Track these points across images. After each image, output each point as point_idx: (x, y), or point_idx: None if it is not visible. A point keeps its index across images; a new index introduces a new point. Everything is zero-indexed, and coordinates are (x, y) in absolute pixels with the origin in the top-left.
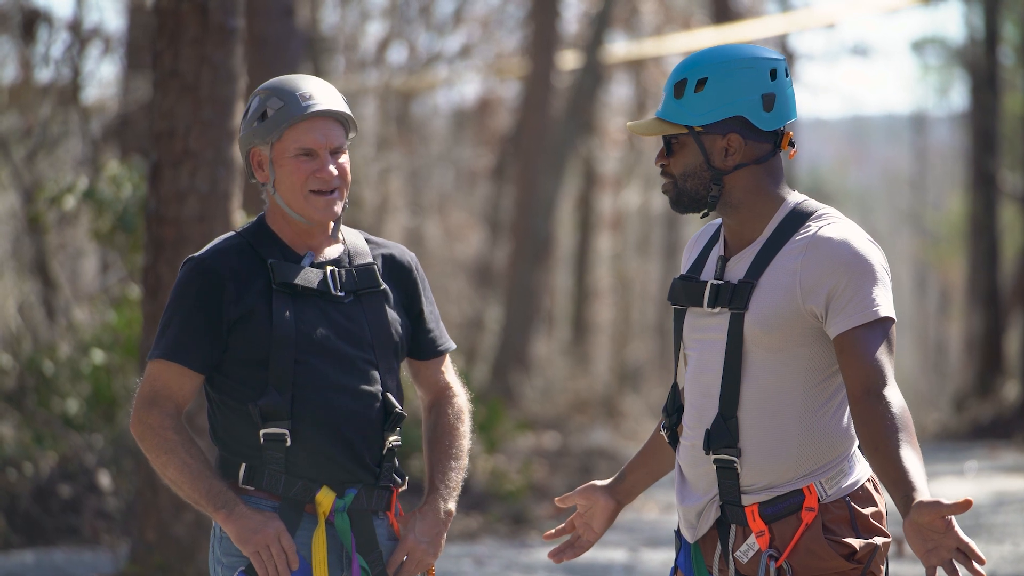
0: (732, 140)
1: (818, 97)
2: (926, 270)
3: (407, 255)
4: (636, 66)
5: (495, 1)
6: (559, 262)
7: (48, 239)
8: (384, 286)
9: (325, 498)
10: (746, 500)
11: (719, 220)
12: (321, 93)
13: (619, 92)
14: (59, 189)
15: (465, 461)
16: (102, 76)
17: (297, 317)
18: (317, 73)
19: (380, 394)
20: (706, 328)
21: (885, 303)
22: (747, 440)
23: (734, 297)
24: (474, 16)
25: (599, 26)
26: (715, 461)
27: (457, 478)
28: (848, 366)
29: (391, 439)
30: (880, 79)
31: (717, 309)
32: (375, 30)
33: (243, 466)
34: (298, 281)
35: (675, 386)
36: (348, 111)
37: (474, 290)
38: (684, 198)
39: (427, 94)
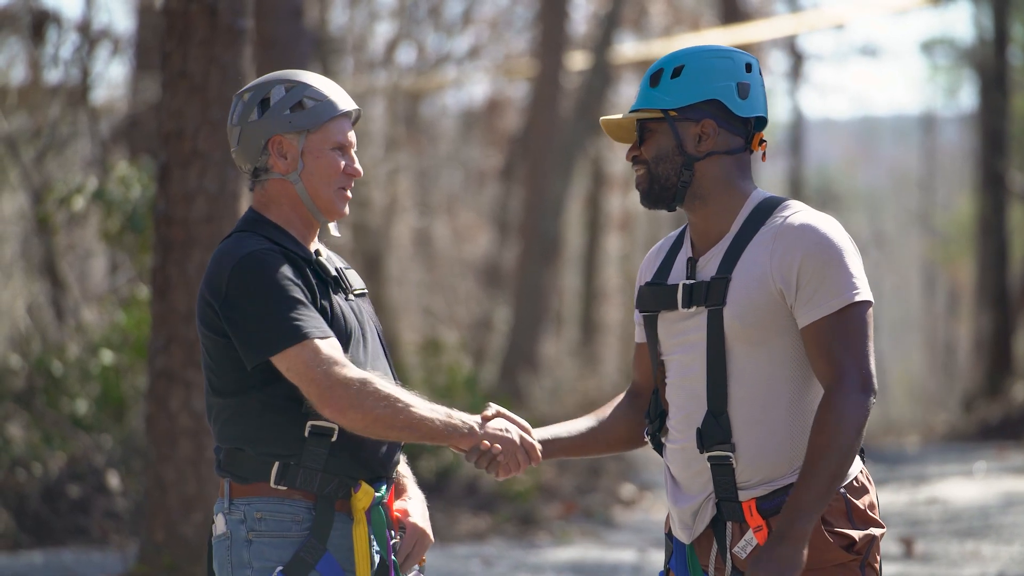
0: (706, 125)
1: (827, 97)
2: (935, 270)
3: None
4: (645, 67)
5: (504, 2)
6: (568, 262)
7: (57, 240)
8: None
9: (366, 495)
10: (743, 496)
11: (678, 231)
12: (340, 91)
13: (628, 93)
14: (68, 190)
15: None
16: (111, 77)
17: (342, 311)
18: (326, 74)
19: None
20: (684, 331)
21: (854, 288)
22: (740, 435)
23: (709, 294)
24: (483, 17)
25: (608, 27)
26: (710, 459)
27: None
28: (814, 361)
29: None
30: (889, 79)
31: (693, 309)
32: (384, 31)
33: (276, 464)
34: (337, 277)
35: (655, 392)
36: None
37: (482, 290)
38: (655, 186)
39: (436, 95)
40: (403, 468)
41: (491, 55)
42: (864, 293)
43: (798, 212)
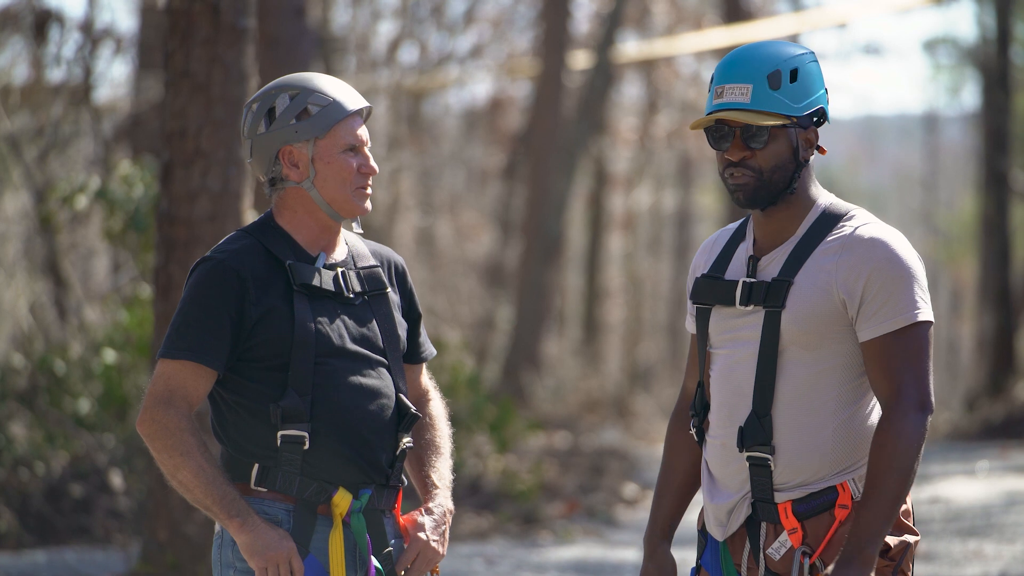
0: (812, 133)
1: (830, 96)
2: (938, 269)
3: (400, 260)
4: (647, 66)
5: (506, 1)
6: (570, 262)
7: (60, 239)
8: (390, 289)
9: (342, 499)
10: (779, 497)
11: (735, 224)
12: (347, 89)
13: (630, 92)
14: (71, 189)
15: (451, 461)
16: (114, 76)
17: (316, 319)
18: (329, 73)
19: (394, 395)
20: (738, 327)
21: (918, 307)
22: (781, 438)
23: (769, 295)
24: (485, 16)
25: (610, 26)
26: (748, 459)
27: (450, 476)
28: (873, 377)
29: (404, 440)
30: (892, 78)
31: (750, 307)
32: (386, 30)
33: (256, 467)
34: (316, 282)
35: (700, 384)
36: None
37: (485, 290)
38: (762, 192)
39: (438, 94)
40: (436, 476)
41: (493, 54)
42: (927, 313)
43: (868, 224)
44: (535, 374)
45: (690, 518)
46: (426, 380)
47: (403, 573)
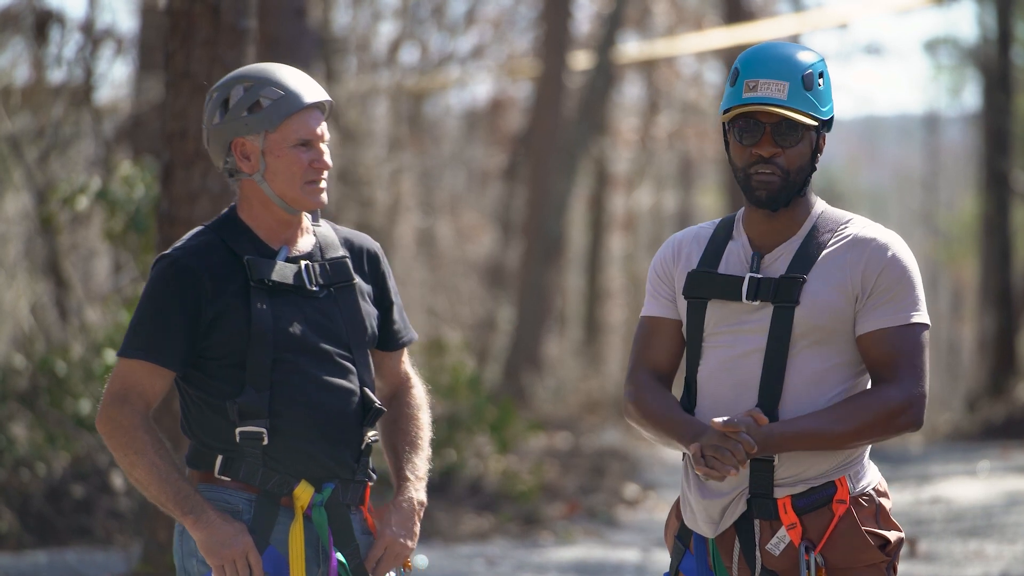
0: (823, 138)
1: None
2: (938, 270)
3: (374, 246)
4: (648, 66)
5: (507, 2)
6: (571, 262)
7: (60, 240)
8: (357, 279)
9: (303, 492)
10: (779, 492)
11: (708, 223)
12: (306, 82)
13: (631, 92)
14: (72, 190)
15: (429, 451)
16: (114, 77)
17: (275, 314)
18: (329, 73)
19: (358, 389)
20: (740, 323)
21: (918, 308)
22: None
23: (779, 292)
24: (486, 17)
25: (611, 26)
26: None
27: (425, 468)
28: (874, 365)
29: (369, 434)
30: (893, 79)
31: (757, 303)
32: (387, 30)
33: (219, 457)
34: (275, 277)
35: (687, 382)
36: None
37: (486, 290)
38: (784, 193)
39: (439, 94)
40: (409, 469)
41: (494, 55)
42: (927, 317)
43: (875, 225)
44: (536, 375)
45: (661, 518)
46: (407, 367)
47: (374, 567)
